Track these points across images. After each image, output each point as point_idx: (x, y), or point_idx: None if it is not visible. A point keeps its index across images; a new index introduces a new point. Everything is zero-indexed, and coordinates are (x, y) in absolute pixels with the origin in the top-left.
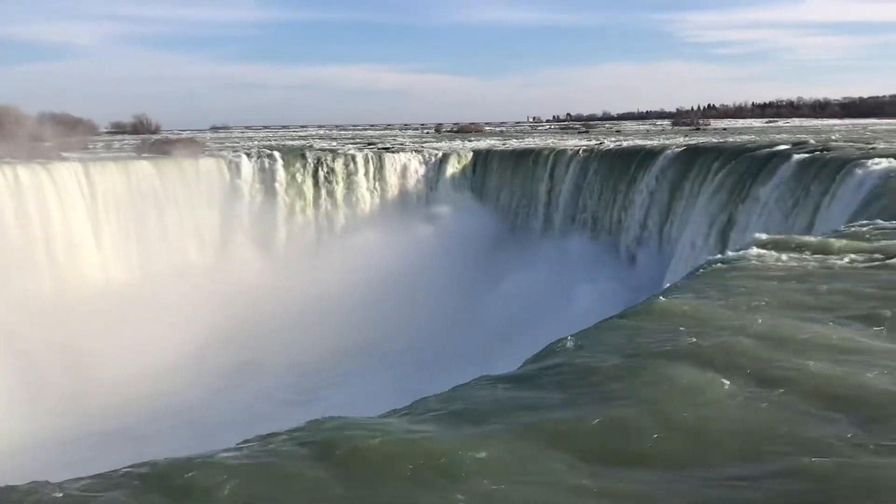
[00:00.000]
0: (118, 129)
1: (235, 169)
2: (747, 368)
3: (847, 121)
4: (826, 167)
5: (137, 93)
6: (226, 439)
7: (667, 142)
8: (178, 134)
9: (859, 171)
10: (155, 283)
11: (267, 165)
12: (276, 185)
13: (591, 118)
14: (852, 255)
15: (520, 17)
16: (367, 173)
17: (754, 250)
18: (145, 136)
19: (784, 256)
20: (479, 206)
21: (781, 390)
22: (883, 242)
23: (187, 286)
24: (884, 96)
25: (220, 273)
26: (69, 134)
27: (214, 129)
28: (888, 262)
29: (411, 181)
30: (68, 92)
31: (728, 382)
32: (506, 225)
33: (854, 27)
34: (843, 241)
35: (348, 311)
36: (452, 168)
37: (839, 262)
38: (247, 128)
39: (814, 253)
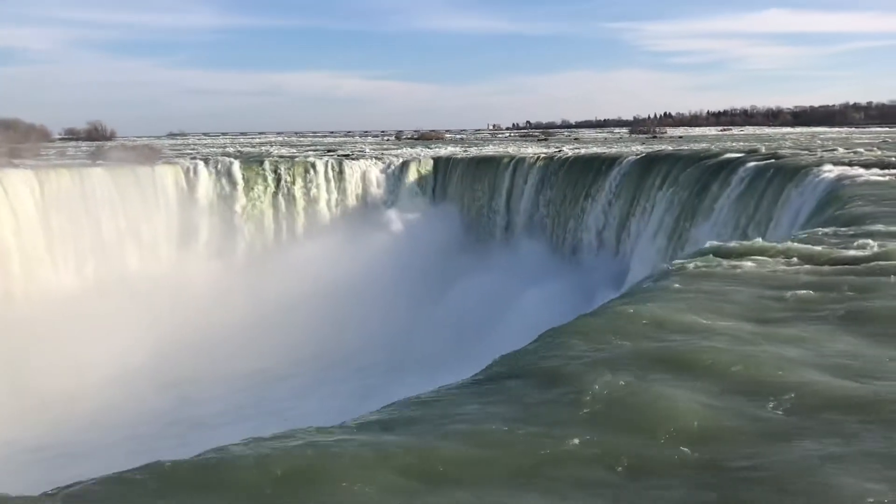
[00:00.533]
0: (72, 136)
1: (193, 176)
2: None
3: (798, 129)
4: (775, 178)
5: (93, 98)
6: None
7: (624, 150)
8: (135, 141)
9: (804, 183)
10: (108, 293)
11: (224, 171)
12: (234, 191)
13: (551, 126)
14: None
15: (480, 26)
16: (327, 180)
17: (692, 261)
18: (100, 143)
19: (724, 264)
20: (439, 213)
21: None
22: (808, 247)
23: (141, 296)
24: (834, 105)
25: (175, 282)
26: (21, 140)
27: (172, 135)
28: (803, 266)
29: (372, 189)
30: (20, 97)
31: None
32: (466, 233)
33: (804, 38)
34: (779, 246)
35: (308, 320)
36: (413, 176)
37: (759, 268)
38: (205, 134)
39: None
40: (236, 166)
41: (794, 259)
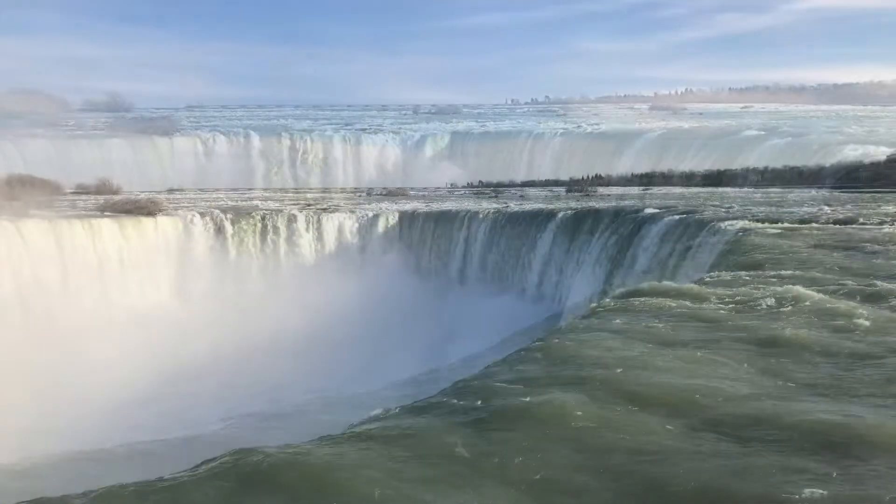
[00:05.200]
0: (82, 190)
1: (190, 225)
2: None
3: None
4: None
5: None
6: None
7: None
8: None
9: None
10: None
11: (218, 224)
12: (226, 239)
13: (500, 184)
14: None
15: None
16: (307, 230)
17: (613, 301)
18: (108, 196)
19: (637, 303)
20: (402, 259)
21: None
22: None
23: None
24: None
25: (174, 325)
26: (37, 194)
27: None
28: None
29: (346, 238)
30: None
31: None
32: (426, 279)
33: None
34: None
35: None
36: (382, 227)
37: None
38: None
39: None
40: (227, 218)
41: (688, 298)
